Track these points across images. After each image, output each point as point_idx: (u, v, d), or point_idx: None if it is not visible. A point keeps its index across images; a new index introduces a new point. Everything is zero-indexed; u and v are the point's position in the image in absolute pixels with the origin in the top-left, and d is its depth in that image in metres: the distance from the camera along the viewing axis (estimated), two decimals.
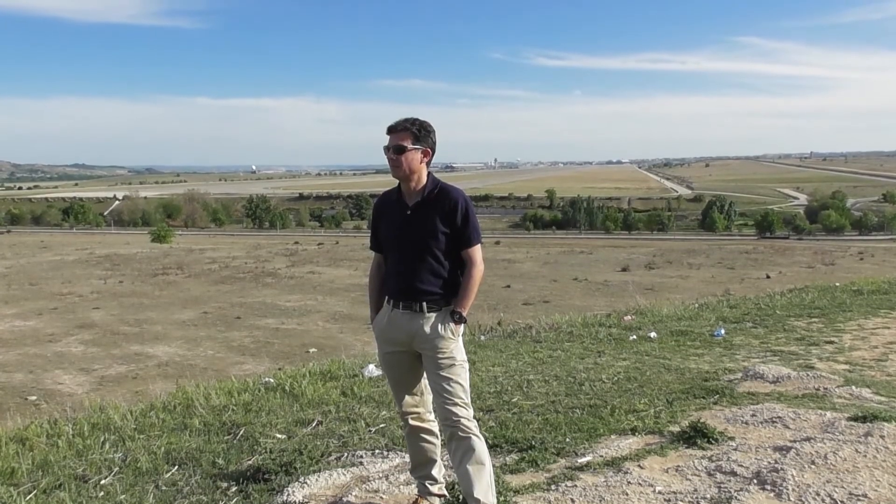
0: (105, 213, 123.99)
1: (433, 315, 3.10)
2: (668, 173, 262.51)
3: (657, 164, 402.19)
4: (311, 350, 22.16)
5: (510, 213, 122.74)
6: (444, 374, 3.07)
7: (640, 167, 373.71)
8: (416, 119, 3.12)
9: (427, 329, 3.09)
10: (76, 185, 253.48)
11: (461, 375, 3.10)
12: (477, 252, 3.14)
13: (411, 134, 3.08)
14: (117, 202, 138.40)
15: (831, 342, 6.86)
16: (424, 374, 3.20)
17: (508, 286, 37.78)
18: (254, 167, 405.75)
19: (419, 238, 3.08)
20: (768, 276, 41.40)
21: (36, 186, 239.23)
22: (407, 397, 3.25)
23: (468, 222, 3.09)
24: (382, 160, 3.20)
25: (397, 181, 3.16)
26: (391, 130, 3.11)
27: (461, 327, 3.15)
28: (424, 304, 3.09)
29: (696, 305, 9.87)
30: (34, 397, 17.72)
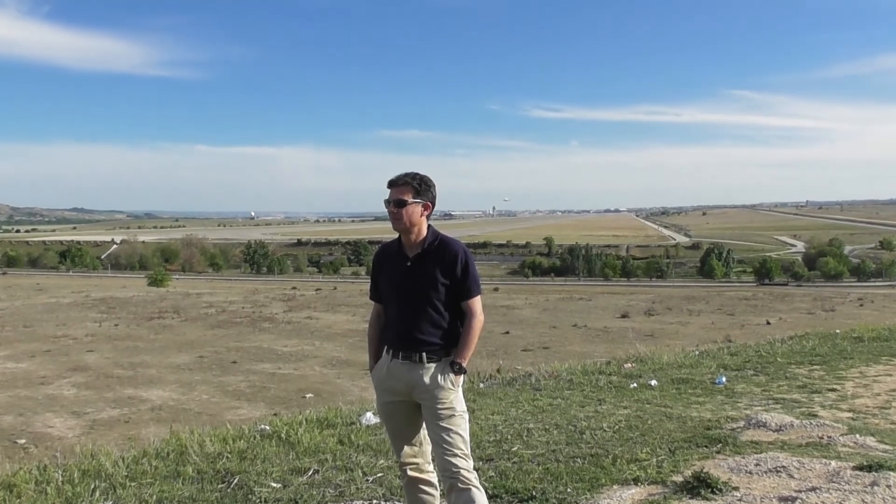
0: (102, 257, 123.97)
1: (433, 365, 3.10)
2: (666, 221, 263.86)
3: (654, 212, 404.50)
4: (308, 395, 21.93)
5: (509, 260, 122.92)
6: (443, 424, 3.05)
7: (637, 215, 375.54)
8: (417, 173, 3.18)
9: (427, 379, 3.08)
10: (74, 228, 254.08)
11: (461, 426, 3.08)
12: (477, 303, 3.16)
13: (412, 188, 3.13)
14: (115, 246, 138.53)
15: (834, 390, 6.81)
16: (424, 425, 3.18)
17: (508, 332, 37.62)
18: (253, 213, 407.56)
19: (419, 289, 3.10)
20: (768, 323, 41.29)
21: (34, 230, 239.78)
22: (406, 448, 3.21)
23: (468, 274, 3.12)
24: (380, 208, 3.24)
25: (398, 233, 3.19)
26: (392, 184, 3.16)
27: (461, 378, 3.14)
28: (424, 354, 3.10)
29: (697, 352, 9.83)
30: (23, 441, 17.46)
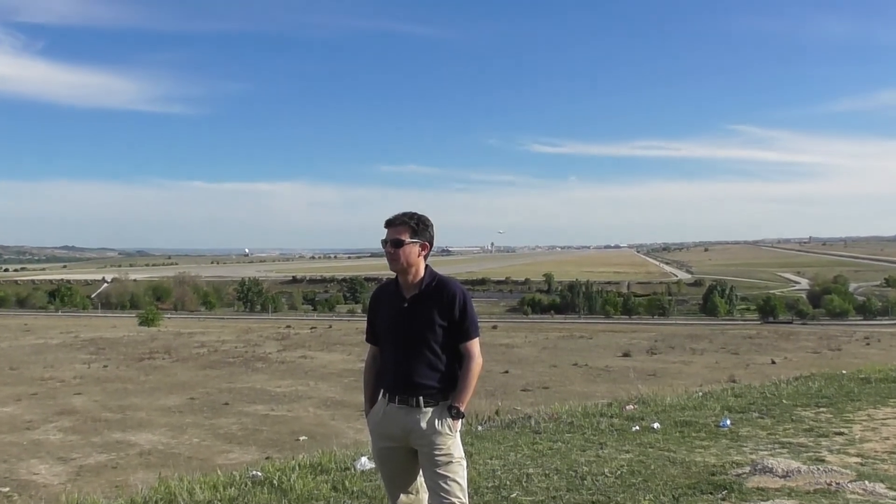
0: (92, 296, 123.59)
1: (430, 410, 3.08)
2: (668, 258, 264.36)
3: (656, 248, 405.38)
4: (302, 438, 21.69)
5: (507, 297, 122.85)
6: (440, 471, 3.02)
7: (638, 251, 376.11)
8: (415, 213, 3.20)
9: (424, 424, 3.06)
10: (64, 267, 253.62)
11: (459, 473, 3.05)
12: (475, 346, 3.15)
13: (409, 228, 3.15)
14: (105, 284, 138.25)
15: (841, 433, 6.76)
16: (420, 471, 3.15)
17: (507, 371, 37.42)
18: (247, 250, 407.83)
19: (416, 331, 3.09)
20: (773, 362, 41.10)
21: (23, 268, 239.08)
22: (402, 496, 3.18)
23: (466, 315, 3.12)
24: (377, 244, 3.26)
25: (395, 273, 3.20)
26: (389, 224, 3.18)
27: (459, 423, 3.12)
28: (421, 398, 3.08)
29: (701, 394, 9.77)
30: (6, 489, 17.19)
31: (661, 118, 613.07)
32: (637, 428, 7.12)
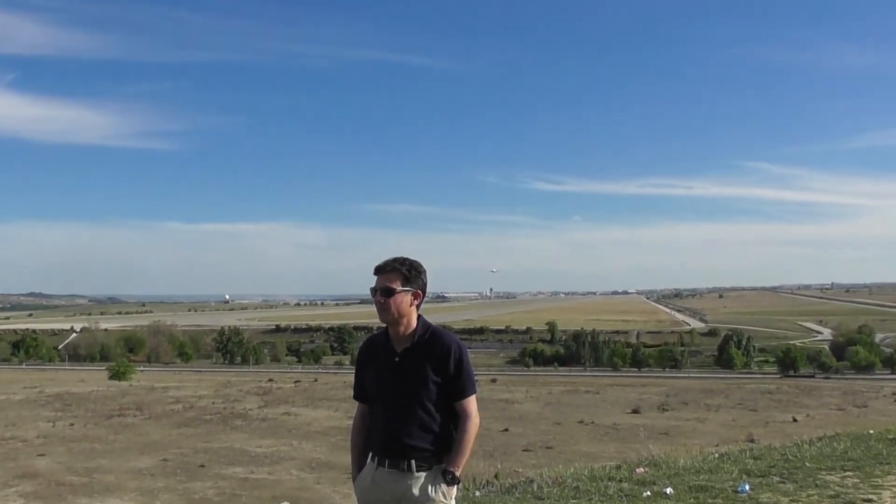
0: (60, 347, 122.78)
1: (423, 475, 3.03)
2: (679, 304, 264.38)
3: (667, 294, 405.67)
4: None
5: (507, 347, 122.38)
6: None
7: (648, 298, 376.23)
8: (406, 259, 3.19)
9: (416, 491, 3.02)
10: (30, 315, 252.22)
11: None
12: (472, 404, 3.12)
13: (401, 275, 3.13)
14: (74, 335, 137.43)
15: (869, 501, 6.68)
16: None
17: (506, 429, 37.08)
18: (227, 297, 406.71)
19: (408, 388, 3.07)
20: (795, 420, 40.82)
21: None
22: None
23: (462, 371, 3.09)
24: (367, 289, 3.24)
25: (385, 325, 3.19)
26: (379, 271, 3.16)
27: (454, 489, 3.08)
28: (413, 462, 3.04)
29: (717, 455, 9.68)
30: None
31: (672, 154, 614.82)
32: (648, 493, 7.03)
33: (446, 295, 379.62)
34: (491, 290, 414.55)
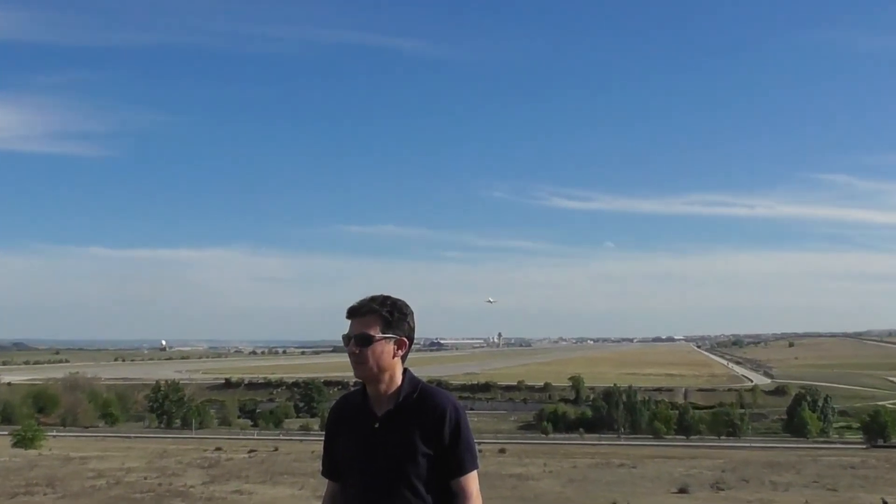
0: None
1: None
2: (739, 355, 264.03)
3: (723, 341, 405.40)
4: None
5: (520, 408, 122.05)
6: None
7: (698, 346, 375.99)
8: (388, 297, 3.15)
9: None
10: None
11: None
12: (472, 482, 3.10)
13: (381, 318, 3.10)
14: None
15: None
16: None
17: None
18: (164, 342, 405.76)
19: (391, 462, 3.05)
20: (885, 502, 40.66)
21: None
22: None
23: (460, 440, 3.07)
24: (338, 333, 3.19)
25: (361, 381, 3.17)
26: (354, 313, 3.13)
27: None
28: None
29: None
30: None
31: (730, 162, 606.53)
32: None
33: (443, 341, 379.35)
34: (500, 335, 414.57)
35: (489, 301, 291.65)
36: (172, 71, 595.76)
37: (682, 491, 46.32)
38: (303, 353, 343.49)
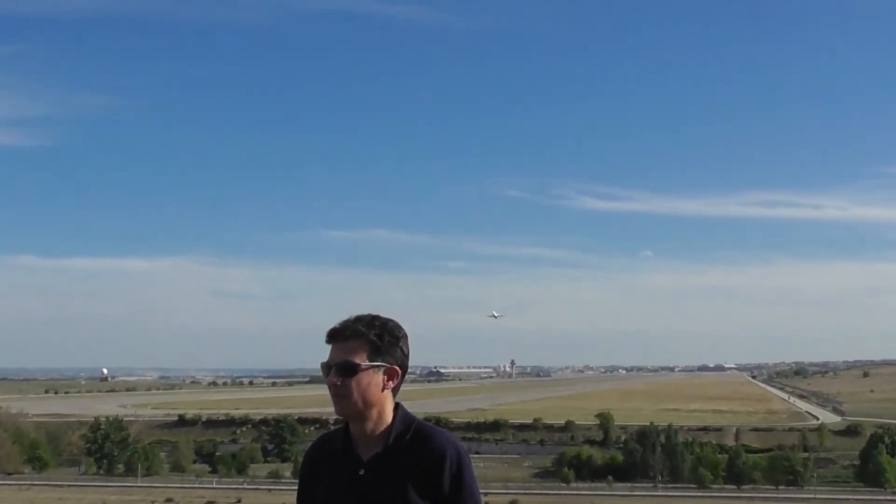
0: None
1: None
2: (802, 387, 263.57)
3: (783, 371, 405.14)
4: None
5: (536, 452, 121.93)
6: None
7: (753, 376, 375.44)
8: (376, 318, 3.15)
9: None
10: None
11: None
12: None
13: (368, 343, 3.10)
14: None
15: None
16: None
17: None
18: (105, 371, 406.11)
19: None
20: None
21: None
22: None
23: (462, 490, 3.09)
24: (316, 360, 3.18)
25: (343, 419, 3.17)
26: (335, 336, 3.13)
27: None
28: None
29: None
30: None
31: (793, 156, 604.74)
32: None
33: (443, 370, 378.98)
34: (512, 362, 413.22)
35: (494, 315, 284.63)
36: (118, 46, 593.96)
37: None
38: (273, 384, 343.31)
